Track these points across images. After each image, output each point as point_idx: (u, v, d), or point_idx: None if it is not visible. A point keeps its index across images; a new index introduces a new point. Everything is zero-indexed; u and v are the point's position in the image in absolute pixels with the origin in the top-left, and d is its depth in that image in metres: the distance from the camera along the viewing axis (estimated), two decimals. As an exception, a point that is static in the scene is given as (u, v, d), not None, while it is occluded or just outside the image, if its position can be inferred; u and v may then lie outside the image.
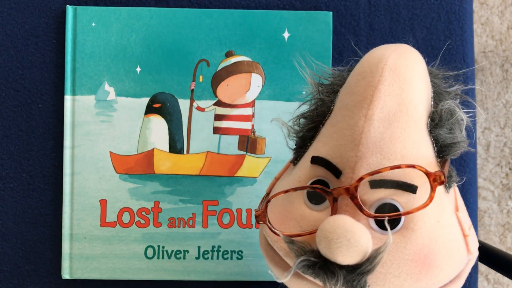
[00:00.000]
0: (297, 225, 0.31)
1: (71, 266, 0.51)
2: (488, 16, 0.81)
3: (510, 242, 0.81)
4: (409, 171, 0.29)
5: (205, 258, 0.51)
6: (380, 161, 0.29)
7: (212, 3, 0.53)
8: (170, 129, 0.51)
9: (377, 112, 0.30)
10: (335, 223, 0.27)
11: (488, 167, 0.80)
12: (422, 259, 0.29)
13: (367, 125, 0.30)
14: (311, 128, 0.34)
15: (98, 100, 0.51)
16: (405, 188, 0.29)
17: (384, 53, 0.31)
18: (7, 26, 0.52)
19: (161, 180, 0.51)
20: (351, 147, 0.30)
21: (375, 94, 0.30)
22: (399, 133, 0.30)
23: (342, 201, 0.30)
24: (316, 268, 0.28)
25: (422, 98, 0.31)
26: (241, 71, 0.51)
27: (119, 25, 0.51)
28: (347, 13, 0.53)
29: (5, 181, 0.52)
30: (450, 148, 0.32)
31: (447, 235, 0.31)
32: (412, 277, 0.29)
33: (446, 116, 0.32)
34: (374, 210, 0.30)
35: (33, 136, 0.52)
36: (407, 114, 0.30)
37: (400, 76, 0.30)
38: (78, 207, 0.51)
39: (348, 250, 0.26)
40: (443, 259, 0.30)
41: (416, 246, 0.29)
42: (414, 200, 0.29)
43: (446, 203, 0.32)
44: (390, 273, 0.29)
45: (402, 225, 0.29)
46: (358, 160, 0.30)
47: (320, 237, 0.27)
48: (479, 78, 0.80)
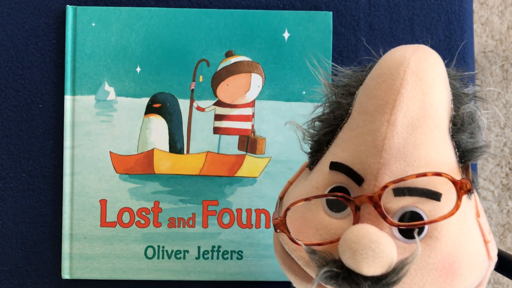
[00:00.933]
0: (317, 234, 0.30)
1: (71, 266, 0.51)
2: (488, 16, 0.81)
3: (510, 242, 0.81)
4: (433, 178, 0.29)
5: (205, 258, 0.51)
6: (404, 168, 0.29)
7: (212, 3, 0.53)
8: (170, 129, 0.52)
9: (400, 117, 0.29)
10: (359, 233, 0.26)
11: (488, 167, 0.80)
12: (446, 268, 0.29)
13: (390, 131, 0.29)
14: (327, 132, 0.33)
15: (98, 100, 0.51)
16: (430, 196, 0.29)
17: (405, 55, 0.29)
18: (7, 26, 0.52)
19: (161, 180, 0.51)
20: (373, 153, 0.29)
21: (397, 99, 0.28)
22: (423, 139, 0.29)
23: (365, 210, 0.29)
24: (339, 279, 0.27)
25: (444, 102, 0.30)
26: (241, 71, 0.51)
27: (119, 25, 0.51)
28: (347, 13, 0.53)
29: (5, 181, 0.52)
30: (472, 153, 0.31)
31: (470, 243, 0.30)
32: (437, 286, 0.28)
33: (467, 120, 0.31)
34: (398, 219, 0.29)
35: (33, 136, 0.52)
36: (430, 119, 0.29)
37: (422, 79, 0.29)
38: (78, 207, 0.51)
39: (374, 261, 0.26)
40: (467, 267, 0.29)
41: (440, 255, 0.29)
42: (438, 208, 0.29)
43: (469, 210, 0.31)
44: (414, 283, 0.28)
45: (426, 234, 0.29)
46: (381, 167, 0.29)
47: (343, 247, 0.27)
48: (479, 78, 0.80)
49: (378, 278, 0.27)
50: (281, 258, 0.33)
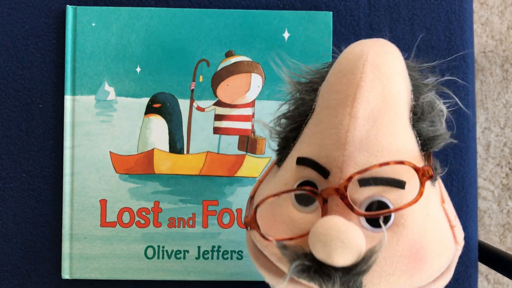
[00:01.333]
0: (287, 229, 0.30)
1: (71, 266, 0.51)
2: (488, 16, 0.81)
3: (510, 242, 0.81)
4: (396, 167, 0.29)
5: (205, 258, 0.51)
6: (368, 159, 0.29)
7: (212, 3, 0.53)
8: (170, 129, 0.52)
9: (361, 109, 0.29)
10: (327, 225, 0.27)
11: (488, 167, 0.80)
12: (414, 254, 0.29)
13: (352, 124, 0.29)
14: (293, 129, 0.34)
15: (98, 100, 0.51)
16: (394, 184, 0.29)
17: (363, 49, 0.30)
18: (7, 26, 0.52)
19: (161, 180, 0.51)
20: (337, 146, 0.30)
21: (357, 92, 0.29)
22: (384, 130, 0.30)
23: (332, 202, 0.29)
24: (311, 271, 0.28)
25: (403, 92, 0.31)
26: (241, 71, 0.51)
27: (119, 25, 0.51)
28: (347, 13, 0.53)
29: (5, 181, 0.52)
30: (433, 141, 0.32)
31: (436, 228, 0.31)
32: (406, 273, 0.29)
33: (427, 109, 0.32)
34: (364, 209, 0.29)
35: (33, 136, 0.52)
36: (390, 109, 0.30)
37: (381, 71, 0.30)
38: (78, 207, 0.51)
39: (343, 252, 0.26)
40: (435, 252, 0.30)
41: (407, 241, 0.29)
42: (403, 195, 0.29)
43: (433, 196, 0.32)
44: (384, 271, 0.29)
45: (392, 222, 0.29)
46: (345, 159, 0.29)
47: (313, 240, 0.27)
48: (479, 78, 0.80)
49: (348, 268, 0.27)
50: (254, 256, 0.33)
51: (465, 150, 0.53)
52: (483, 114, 0.80)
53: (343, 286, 0.27)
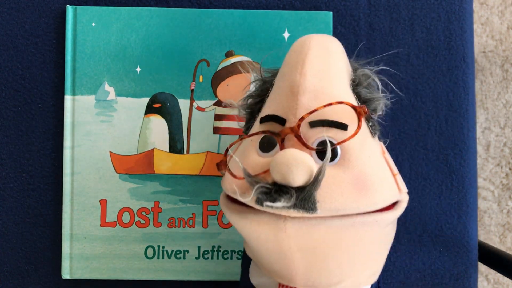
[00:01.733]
0: (253, 171, 0.35)
1: (71, 266, 0.51)
2: (488, 16, 0.81)
3: (510, 242, 0.81)
4: (341, 112, 0.35)
5: (205, 258, 0.51)
6: (316, 105, 0.35)
7: (212, 3, 0.53)
8: (170, 129, 0.52)
9: (309, 69, 0.36)
10: (284, 153, 0.32)
11: (488, 167, 0.80)
12: (360, 183, 0.34)
13: (303, 79, 0.36)
14: (257, 102, 0.41)
15: (98, 100, 0.51)
16: (337, 126, 0.35)
17: (309, 35, 0.38)
18: (7, 26, 0.52)
19: (161, 180, 0.51)
20: (292, 99, 0.36)
21: (306, 58, 0.37)
22: (329, 85, 0.36)
23: (289, 142, 0.35)
24: (272, 192, 0.32)
25: (343, 64, 0.38)
26: (241, 71, 0.51)
27: (119, 25, 0.51)
28: (347, 13, 0.53)
29: (5, 181, 0.52)
30: (370, 102, 0.39)
31: (378, 168, 0.36)
32: (353, 196, 0.34)
33: (363, 78, 0.39)
34: (315, 146, 0.35)
35: (33, 136, 0.52)
36: (334, 72, 0.37)
37: (324, 46, 0.37)
38: (78, 207, 0.51)
39: (298, 170, 0.31)
40: (377, 184, 0.35)
41: (353, 172, 0.34)
42: (346, 136, 0.35)
43: (374, 146, 0.38)
44: (334, 192, 0.33)
45: (340, 157, 0.35)
46: (298, 107, 0.36)
47: (273, 166, 0.32)
48: (479, 78, 0.80)
49: (303, 187, 0.32)
50: (225, 206, 0.38)
51: (465, 150, 0.53)
52: (483, 114, 0.80)
53: (300, 203, 0.32)
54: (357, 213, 0.34)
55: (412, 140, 0.53)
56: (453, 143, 0.53)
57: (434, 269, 0.53)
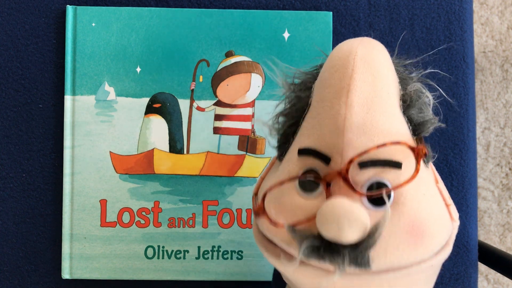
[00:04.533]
0: (294, 215, 0.32)
1: (71, 266, 0.51)
2: (488, 16, 0.81)
3: (510, 242, 0.81)
4: (393, 149, 0.31)
5: (205, 258, 0.51)
6: (366, 143, 0.31)
7: (212, 3, 0.53)
8: (170, 129, 0.52)
9: (356, 99, 0.31)
10: (333, 206, 0.28)
11: (488, 167, 0.80)
12: (416, 230, 0.31)
13: (349, 112, 0.31)
14: (291, 124, 0.36)
15: (98, 100, 0.51)
16: (391, 165, 0.31)
17: (352, 45, 0.33)
18: (7, 26, 0.52)
19: (161, 180, 0.51)
20: (337, 134, 0.32)
21: (351, 83, 0.32)
22: (379, 116, 0.32)
23: (335, 185, 0.31)
24: (321, 251, 0.29)
25: (392, 82, 0.34)
26: (241, 71, 0.51)
27: (119, 25, 0.51)
28: (347, 13, 0.53)
29: (5, 181, 0.52)
30: (423, 126, 0.34)
31: (433, 206, 0.33)
32: (409, 247, 0.31)
33: (415, 97, 0.34)
34: (365, 190, 0.31)
35: (33, 136, 0.52)
36: (382, 98, 0.32)
37: (370, 64, 0.32)
38: (78, 207, 0.51)
39: (350, 229, 0.28)
40: (434, 227, 0.32)
41: (408, 218, 0.31)
42: (400, 175, 0.31)
43: (428, 177, 0.34)
44: (389, 246, 0.30)
45: (393, 201, 0.31)
46: (345, 145, 0.31)
47: (321, 220, 0.28)
48: (479, 78, 0.80)
49: (355, 244, 0.29)
50: (263, 247, 0.34)
51: (465, 150, 0.53)
52: (483, 114, 0.80)
53: (352, 262, 0.29)
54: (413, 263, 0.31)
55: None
56: (453, 143, 0.53)
57: (434, 269, 0.53)
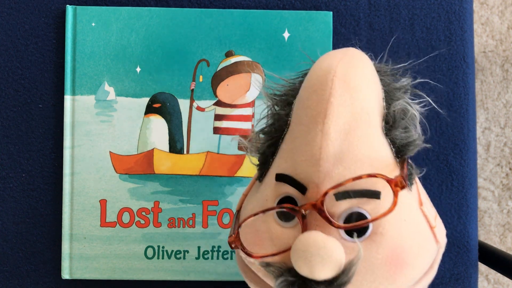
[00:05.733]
0: (271, 244, 0.31)
1: (71, 266, 0.51)
2: (488, 16, 0.81)
3: (510, 242, 0.81)
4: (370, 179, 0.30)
5: (205, 258, 0.51)
6: (342, 172, 0.30)
7: (212, 3, 0.53)
8: (170, 129, 0.52)
9: (332, 125, 0.30)
10: (307, 242, 0.28)
11: (488, 167, 0.80)
12: (395, 261, 0.30)
13: (325, 140, 0.30)
14: (271, 144, 0.35)
15: (98, 100, 0.51)
16: (369, 195, 0.30)
17: (332, 63, 0.31)
18: (7, 26, 0.52)
19: (161, 180, 0.51)
20: (313, 163, 0.30)
21: (328, 108, 0.30)
22: (357, 142, 0.30)
23: (311, 216, 0.30)
24: (295, 286, 0.29)
25: (374, 103, 0.32)
26: (241, 71, 0.51)
27: (119, 25, 0.51)
28: (347, 13, 0.53)
29: (5, 181, 0.52)
30: (407, 148, 0.32)
31: (415, 232, 0.32)
32: (387, 279, 0.30)
33: (399, 116, 0.32)
34: (343, 221, 0.30)
35: (33, 136, 0.52)
36: (362, 122, 0.31)
37: (349, 85, 0.30)
38: (78, 207, 0.51)
39: (324, 266, 0.27)
40: (415, 256, 0.31)
41: (387, 248, 0.30)
42: (379, 205, 0.30)
43: (410, 202, 0.33)
44: (366, 280, 0.30)
45: (371, 231, 0.30)
46: (320, 175, 0.30)
47: (294, 257, 0.28)
48: (479, 78, 0.80)
49: (330, 281, 0.28)
50: (243, 271, 0.34)
51: (465, 150, 0.53)
52: (483, 114, 0.80)
53: None
54: None
55: (412, 140, 0.53)
56: (453, 143, 0.53)
57: (434, 269, 0.53)
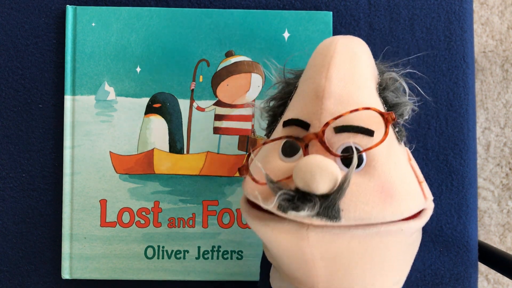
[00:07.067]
0: (275, 176, 0.34)
1: (71, 266, 0.51)
2: (488, 16, 0.81)
3: (510, 242, 0.81)
4: (367, 118, 0.34)
5: (205, 258, 0.51)
6: (342, 110, 0.34)
7: (212, 3, 0.53)
8: (170, 129, 0.52)
9: (335, 73, 0.35)
10: (308, 160, 0.31)
11: (488, 167, 0.80)
12: (385, 191, 0.33)
13: (328, 83, 0.35)
14: (280, 105, 0.40)
15: (98, 100, 0.51)
16: (364, 132, 0.34)
17: (335, 37, 0.38)
18: (7, 26, 0.52)
19: (161, 180, 0.51)
20: (316, 103, 0.35)
21: (331, 62, 0.36)
22: (355, 90, 0.35)
23: (312, 148, 0.34)
24: (295, 200, 0.31)
25: (369, 68, 0.37)
26: (241, 71, 0.51)
27: (119, 25, 0.51)
28: (347, 13, 0.53)
29: (5, 181, 0.52)
30: (397, 107, 0.38)
31: (404, 176, 0.35)
32: (378, 205, 0.33)
33: (390, 82, 0.38)
34: (340, 152, 0.34)
35: (33, 136, 0.52)
36: (360, 76, 0.36)
37: (350, 49, 0.36)
38: (78, 207, 0.51)
39: (322, 179, 0.30)
40: (403, 192, 0.34)
41: (378, 179, 0.34)
42: (372, 142, 0.34)
43: (400, 152, 0.37)
44: (359, 201, 0.32)
45: (365, 164, 0.34)
46: (322, 112, 0.35)
47: (296, 172, 0.31)
48: (479, 78, 0.80)
49: (327, 194, 0.31)
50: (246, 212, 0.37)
51: (465, 150, 0.53)
52: (483, 114, 0.80)
53: (323, 211, 0.31)
54: (382, 222, 0.33)
55: (412, 140, 0.53)
56: (453, 143, 0.53)
57: (434, 269, 0.53)
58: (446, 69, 0.53)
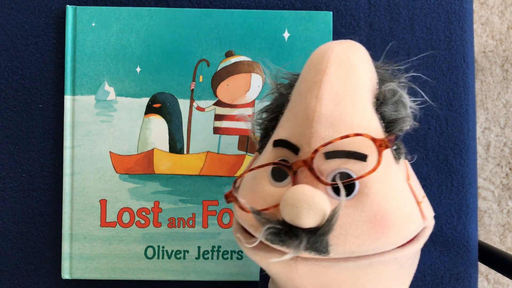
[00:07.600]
0: (264, 202, 0.33)
1: (71, 266, 0.51)
2: (488, 16, 0.81)
3: (510, 242, 0.81)
4: (359, 142, 0.33)
5: (205, 258, 0.51)
6: (332, 134, 0.33)
7: (212, 3, 0.53)
8: (170, 129, 0.52)
9: (326, 92, 0.33)
10: (295, 191, 0.30)
11: (488, 167, 0.80)
12: (378, 220, 0.32)
13: (318, 104, 0.33)
14: (272, 119, 0.38)
15: (98, 100, 0.51)
16: (356, 156, 0.32)
17: (330, 45, 0.35)
18: (7, 26, 0.52)
19: (161, 180, 0.51)
20: (306, 125, 0.33)
21: (323, 78, 0.33)
22: (348, 110, 0.33)
23: (302, 174, 0.33)
24: (281, 234, 0.30)
25: (367, 81, 0.35)
26: (241, 71, 0.51)
27: (119, 25, 0.51)
28: (347, 13, 0.53)
29: (5, 181, 0.52)
30: (395, 123, 0.35)
31: (401, 200, 0.34)
32: (370, 237, 0.31)
33: (389, 95, 0.35)
34: (330, 179, 0.32)
35: (33, 136, 0.52)
36: (354, 93, 0.34)
37: (344, 61, 0.34)
38: (78, 207, 0.51)
39: (308, 213, 0.29)
40: (398, 220, 0.32)
41: (371, 208, 0.32)
42: (365, 167, 0.32)
43: (397, 172, 0.35)
44: (349, 234, 0.31)
45: (357, 191, 0.32)
46: (312, 136, 0.33)
47: (283, 205, 0.30)
48: (479, 78, 0.80)
49: (314, 229, 0.30)
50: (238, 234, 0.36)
51: (465, 150, 0.53)
52: (483, 114, 0.80)
53: (311, 247, 0.30)
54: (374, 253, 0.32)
55: (412, 140, 0.53)
56: (453, 143, 0.53)
57: (434, 269, 0.53)
58: (446, 69, 0.53)
